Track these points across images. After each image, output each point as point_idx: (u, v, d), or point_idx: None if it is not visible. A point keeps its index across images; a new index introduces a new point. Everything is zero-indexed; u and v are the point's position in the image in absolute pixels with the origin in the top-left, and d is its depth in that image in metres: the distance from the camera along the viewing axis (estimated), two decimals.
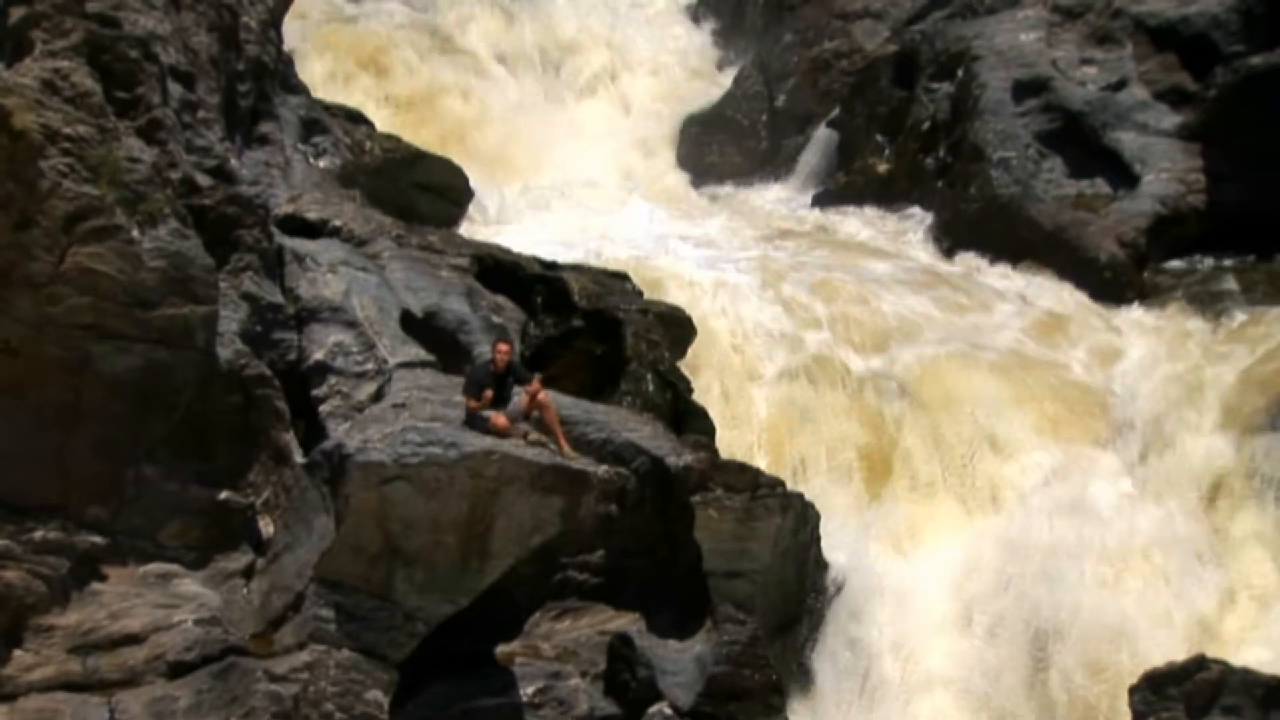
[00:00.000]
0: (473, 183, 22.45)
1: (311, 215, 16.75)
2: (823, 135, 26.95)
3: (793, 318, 18.66)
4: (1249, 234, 20.42)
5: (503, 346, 13.70)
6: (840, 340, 18.29)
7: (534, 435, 13.51)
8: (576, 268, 17.93)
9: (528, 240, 19.62)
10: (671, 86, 31.42)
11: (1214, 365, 17.70)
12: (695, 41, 32.78)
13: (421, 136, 24.33)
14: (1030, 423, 17.23)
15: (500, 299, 16.71)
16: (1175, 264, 20.91)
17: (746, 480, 14.51)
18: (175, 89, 14.85)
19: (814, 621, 15.09)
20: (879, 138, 25.36)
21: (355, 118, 21.63)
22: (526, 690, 13.60)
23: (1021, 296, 20.41)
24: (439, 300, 15.97)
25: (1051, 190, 21.79)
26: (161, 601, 12.87)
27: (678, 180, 28.18)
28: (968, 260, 21.79)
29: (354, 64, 27.90)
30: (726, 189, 27.65)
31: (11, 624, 12.26)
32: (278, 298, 14.68)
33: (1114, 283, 20.61)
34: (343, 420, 14.08)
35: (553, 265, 17.72)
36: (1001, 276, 21.14)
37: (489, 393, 13.27)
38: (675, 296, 18.41)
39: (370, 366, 14.65)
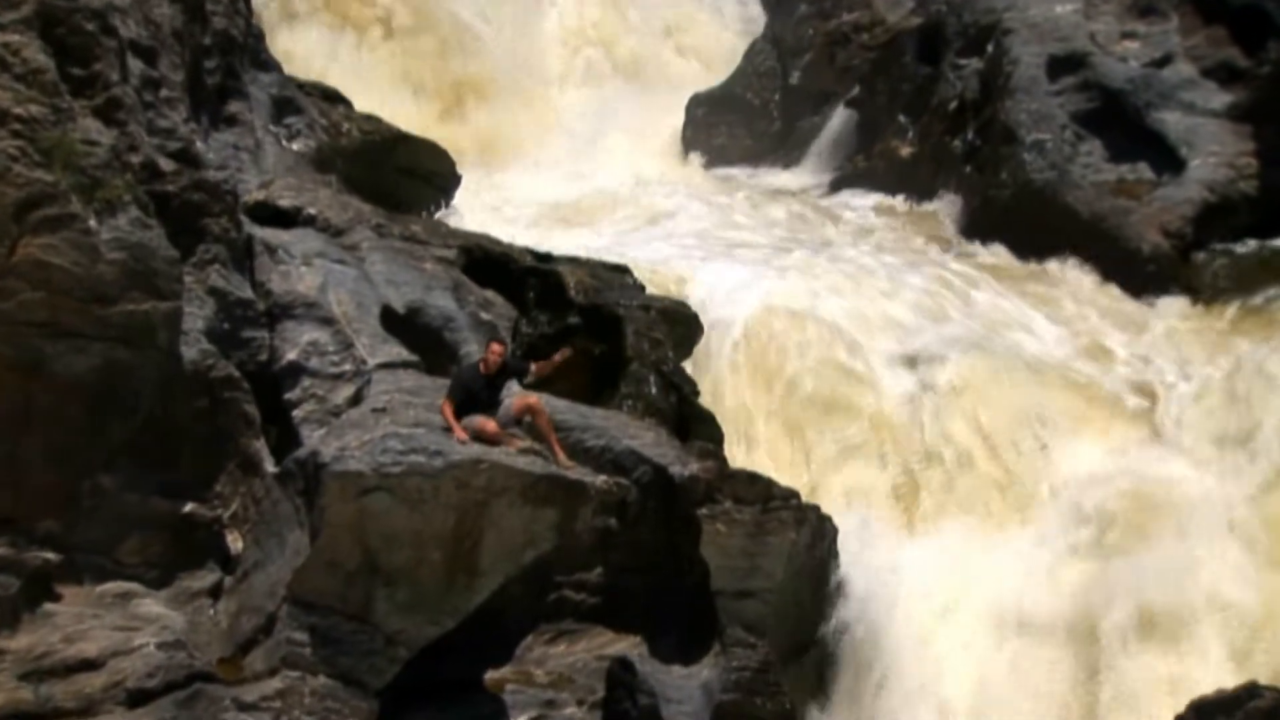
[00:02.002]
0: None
1: (284, 203, 16.74)
2: (840, 115, 26.95)
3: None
4: None
5: (496, 348, 13.73)
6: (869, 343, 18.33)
7: (526, 442, 13.51)
8: (573, 260, 17.92)
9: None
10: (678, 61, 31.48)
11: (1267, 367, 17.68)
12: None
13: None
14: (1072, 430, 17.22)
15: (489, 294, 16.70)
16: (1224, 255, 20.89)
17: (758, 491, 14.48)
18: (135, 65, 14.83)
19: (831, 645, 15.06)
20: (902, 118, 25.37)
21: (332, 96, 21.61)
22: None
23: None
24: (423, 295, 15.96)
25: (1090, 176, 21.80)
26: (121, 624, 12.85)
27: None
28: (999, 251, 21.83)
29: None
30: (736, 172, 27.66)
31: None
32: (247, 293, 14.67)
33: (1157, 276, 20.61)
34: (318, 426, 14.08)
35: (547, 257, 17.71)
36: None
37: (490, 425, 13.22)
38: None
39: (348, 367, 14.66)
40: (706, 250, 21.10)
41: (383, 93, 27.16)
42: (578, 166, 27.24)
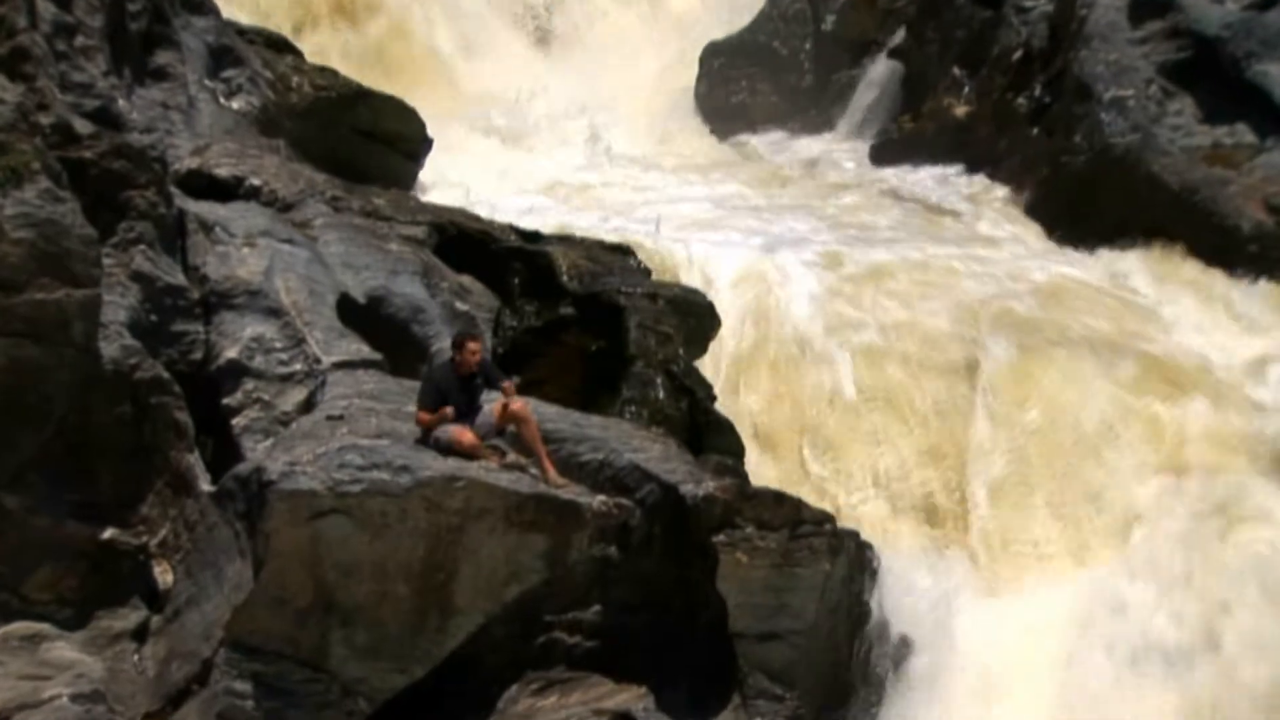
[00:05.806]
0: None
1: (222, 172, 16.81)
2: (883, 68, 26.98)
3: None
4: None
5: (472, 344, 13.72)
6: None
7: (510, 456, 13.51)
8: (565, 239, 17.94)
9: None
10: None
11: None
12: None
13: None
14: (1158, 445, 17.25)
15: (466, 279, 16.76)
16: None
17: (785, 514, 14.45)
18: (46, 8, 14.88)
19: (871, 696, 15.07)
20: (956, 71, 25.39)
21: (278, 45, 21.63)
22: None
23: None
24: (387, 281, 16.03)
25: (1179, 139, 21.78)
26: (28, 671, 12.90)
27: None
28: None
29: None
30: (758, 137, 27.70)
31: None
32: (179, 278, 14.70)
33: (1260, 259, 20.60)
34: (262, 436, 14.14)
35: (534, 236, 17.73)
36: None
37: (448, 409, 13.22)
38: None
39: (298, 367, 14.71)
40: None
41: None
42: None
